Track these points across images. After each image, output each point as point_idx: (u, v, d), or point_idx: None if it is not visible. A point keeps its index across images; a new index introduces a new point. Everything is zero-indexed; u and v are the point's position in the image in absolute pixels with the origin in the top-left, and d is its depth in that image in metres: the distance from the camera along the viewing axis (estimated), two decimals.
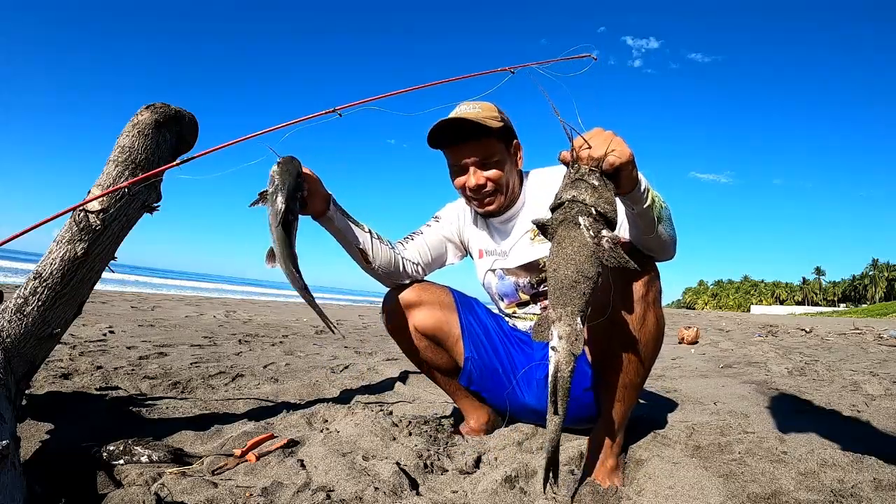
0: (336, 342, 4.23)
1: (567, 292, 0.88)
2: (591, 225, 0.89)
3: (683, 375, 2.97)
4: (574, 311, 0.87)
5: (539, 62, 1.23)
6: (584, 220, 0.89)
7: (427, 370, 1.59)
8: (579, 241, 0.88)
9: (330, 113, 1.21)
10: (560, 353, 0.87)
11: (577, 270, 0.87)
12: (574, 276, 0.87)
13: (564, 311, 0.88)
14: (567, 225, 0.90)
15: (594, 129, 0.96)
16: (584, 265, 0.87)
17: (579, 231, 0.89)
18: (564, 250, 0.89)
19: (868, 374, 2.89)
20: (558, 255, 0.90)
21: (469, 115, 1.36)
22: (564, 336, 0.87)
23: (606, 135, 0.94)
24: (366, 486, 1.05)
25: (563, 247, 0.89)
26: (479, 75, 1.31)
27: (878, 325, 10.42)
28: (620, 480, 1.16)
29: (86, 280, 1.29)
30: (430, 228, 1.59)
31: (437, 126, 1.39)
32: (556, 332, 0.88)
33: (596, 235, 0.88)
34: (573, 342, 0.87)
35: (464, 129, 1.38)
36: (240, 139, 1.21)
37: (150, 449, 1.18)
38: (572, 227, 0.90)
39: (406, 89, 1.26)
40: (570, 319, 0.87)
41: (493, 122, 1.38)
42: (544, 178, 1.53)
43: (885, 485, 1.07)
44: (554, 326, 0.88)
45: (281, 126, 1.21)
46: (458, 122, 1.37)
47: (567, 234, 0.90)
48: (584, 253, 0.88)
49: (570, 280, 0.87)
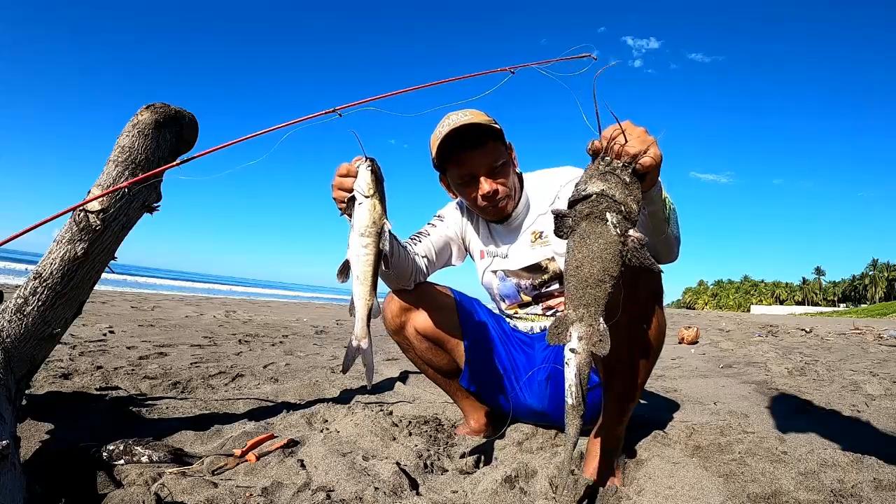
0: (336, 342, 4.23)
1: (591, 291, 0.83)
2: (620, 223, 0.84)
3: (683, 375, 2.97)
4: (597, 310, 0.83)
5: (539, 62, 1.23)
6: (612, 216, 0.84)
7: (427, 371, 1.59)
8: (606, 239, 0.84)
9: (330, 113, 1.21)
10: (581, 356, 0.83)
11: (603, 269, 0.83)
12: (599, 274, 0.83)
13: (587, 311, 0.83)
14: (593, 220, 0.85)
15: (626, 122, 0.90)
16: (610, 264, 0.83)
17: (606, 227, 0.84)
18: (589, 247, 0.84)
19: (868, 374, 2.89)
20: (581, 251, 0.85)
21: (470, 121, 1.35)
22: (585, 337, 0.83)
23: (640, 131, 0.90)
24: (366, 486, 1.05)
25: (587, 243, 0.85)
26: (479, 75, 1.31)
27: (878, 325, 10.42)
28: (620, 480, 1.16)
29: (86, 280, 1.29)
30: (436, 229, 1.57)
31: (447, 136, 1.36)
32: (575, 334, 0.84)
33: (623, 234, 0.84)
34: (596, 343, 0.83)
35: (469, 136, 1.37)
36: (240, 139, 1.21)
37: (150, 449, 1.18)
38: (599, 222, 0.85)
39: (406, 89, 1.26)
40: (591, 320, 0.83)
41: (491, 125, 1.39)
42: (537, 181, 1.53)
43: (885, 485, 1.07)
44: (573, 327, 0.84)
45: (281, 126, 1.21)
46: (466, 128, 1.35)
47: (593, 230, 0.85)
48: (611, 251, 0.83)
49: (594, 279, 0.83)
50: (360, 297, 1.03)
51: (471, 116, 1.38)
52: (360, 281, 1.02)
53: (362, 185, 1.03)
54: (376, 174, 1.04)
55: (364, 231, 1.01)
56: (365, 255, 1.01)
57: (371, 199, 1.02)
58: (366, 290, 1.02)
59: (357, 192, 1.03)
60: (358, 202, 1.03)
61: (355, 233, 1.02)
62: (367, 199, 1.02)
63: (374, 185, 1.02)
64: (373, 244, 1.01)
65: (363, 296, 1.03)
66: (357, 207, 1.03)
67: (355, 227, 1.02)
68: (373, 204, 1.02)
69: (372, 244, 1.01)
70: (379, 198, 1.03)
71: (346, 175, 1.08)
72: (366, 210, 1.02)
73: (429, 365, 1.55)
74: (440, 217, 1.62)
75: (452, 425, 1.63)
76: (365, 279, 1.02)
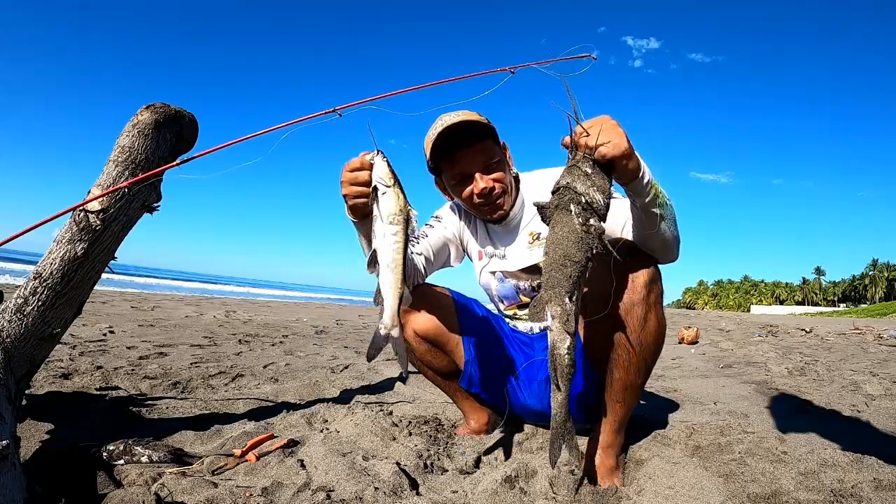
0: (336, 342, 4.23)
1: (555, 274, 0.92)
2: (580, 213, 0.93)
3: (683, 375, 2.97)
4: (562, 291, 0.92)
5: (539, 62, 1.23)
6: (574, 207, 0.93)
7: (427, 372, 1.59)
8: (569, 227, 0.93)
9: (330, 113, 1.21)
10: (554, 333, 0.93)
11: (565, 254, 0.92)
12: (561, 259, 0.92)
13: (555, 291, 0.93)
14: (560, 210, 0.95)
15: (598, 118, 0.97)
16: (571, 249, 0.92)
17: (570, 217, 0.93)
18: (556, 234, 0.94)
19: (868, 374, 2.89)
20: (551, 238, 0.95)
21: (463, 119, 1.36)
22: (557, 316, 0.92)
23: (608, 125, 0.95)
24: (366, 486, 1.05)
25: (555, 231, 0.94)
26: (479, 75, 1.30)
27: (878, 325, 10.42)
28: (620, 480, 1.16)
29: (86, 280, 1.29)
30: (434, 230, 1.56)
31: (440, 135, 1.36)
32: (549, 312, 0.93)
33: (584, 223, 0.93)
34: (565, 321, 0.92)
35: (462, 135, 1.37)
36: (240, 139, 1.21)
37: (150, 449, 1.18)
38: (564, 212, 0.94)
39: (406, 89, 1.26)
40: (559, 300, 0.92)
41: (484, 123, 1.39)
42: (535, 181, 1.53)
43: (885, 485, 1.07)
44: (547, 307, 0.93)
45: (281, 126, 1.20)
46: (458, 126, 1.35)
47: (560, 219, 0.94)
48: (572, 238, 0.92)
49: (558, 263, 0.92)
50: (392, 285, 1.03)
51: (463, 116, 1.38)
52: (391, 269, 1.03)
53: (383, 176, 1.04)
54: (391, 165, 1.06)
55: (392, 219, 1.03)
56: (394, 242, 1.03)
57: (394, 188, 1.04)
58: (397, 278, 1.03)
59: (378, 182, 1.04)
60: (381, 192, 1.04)
61: (383, 222, 1.03)
62: (390, 189, 1.03)
63: (393, 174, 1.05)
64: (401, 231, 1.03)
65: (395, 284, 1.03)
66: (381, 198, 1.04)
67: (383, 216, 1.03)
68: (396, 192, 1.03)
69: (401, 231, 1.03)
70: (399, 186, 1.05)
71: (360, 169, 1.10)
72: (391, 198, 1.03)
73: (428, 366, 1.55)
74: (438, 218, 1.61)
75: (452, 425, 1.63)
76: (396, 267, 1.03)
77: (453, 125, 1.36)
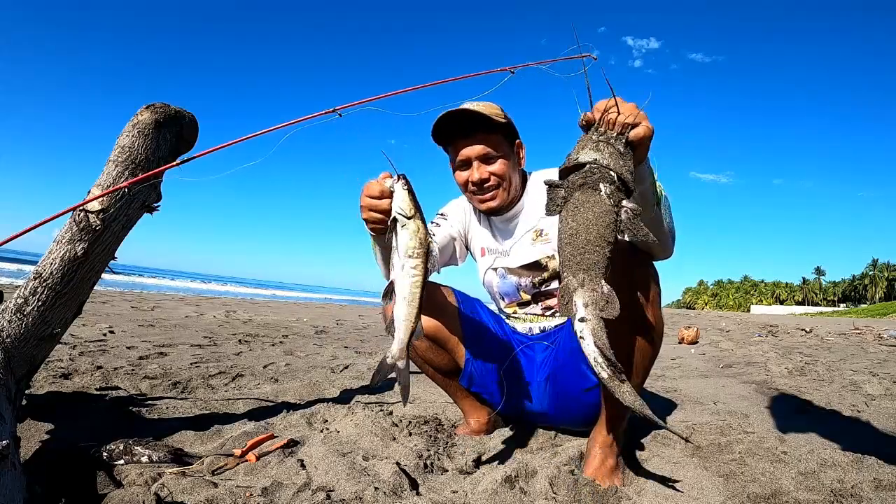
0: (336, 342, 4.23)
1: (588, 256, 0.82)
2: (614, 193, 0.84)
3: (683, 375, 2.97)
4: (598, 273, 0.82)
5: (539, 62, 1.23)
6: (605, 186, 0.84)
7: (427, 370, 1.59)
8: (601, 207, 0.83)
9: (330, 113, 1.21)
10: (592, 321, 0.81)
11: (600, 235, 0.82)
12: (596, 240, 0.82)
13: (588, 275, 0.82)
14: (586, 190, 0.85)
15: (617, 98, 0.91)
16: (605, 231, 0.83)
17: (600, 197, 0.84)
18: (584, 215, 0.84)
19: (868, 374, 2.89)
20: (576, 220, 0.84)
21: (476, 109, 1.40)
22: (592, 303, 0.81)
23: (631, 105, 0.91)
24: (366, 486, 1.05)
25: (581, 212, 0.84)
26: (479, 75, 1.31)
27: (878, 325, 10.42)
28: (620, 480, 1.16)
29: (86, 280, 1.29)
30: (439, 228, 1.59)
31: (445, 116, 1.41)
32: (579, 302, 0.82)
33: (617, 204, 0.84)
34: (604, 306, 0.81)
35: (470, 122, 1.42)
36: (240, 139, 1.21)
37: (150, 449, 1.18)
38: (592, 192, 0.84)
39: (406, 89, 1.26)
40: (594, 283, 0.82)
41: (497, 118, 1.42)
42: (541, 179, 1.54)
43: (885, 485, 1.07)
44: (576, 295, 0.82)
45: (281, 126, 1.21)
46: (466, 113, 1.40)
47: (586, 200, 0.84)
48: (606, 220, 0.83)
49: (592, 245, 0.82)
50: (406, 318, 1.00)
51: (479, 107, 1.42)
52: (407, 302, 0.99)
53: (403, 207, 1.00)
54: (412, 192, 1.02)
55: (412, 253, 0.99)
56: (413, 275, 0.99)
57: (414, 220, 1.00)
58: (412, 312, 1.00)
59: (398, 214, 1.00)
60: (401, 224, 1.00)
61: (402, 255, 1.00)
62: (411, 221, 1.00)
63: (415, 204, 1.00)
64: (421, 265, 1.00)
65: (408, 317, 1.00)
66: (401, 230, 1.00)
67: (401, 251, 1.00)
68: (417, 225, 1.00)
69: (420, 265, 0.99)
70: (421, 217, 1.01)
71: (380, 197, 1.05)
72: (412, 232, 0.99)
73: (429, 364, 1.55)
74: (443, 215, 1.63)
75: (452, 425, 1.63)
76: (413, 301, 0.99)
77: (455, 112, 1.40)
